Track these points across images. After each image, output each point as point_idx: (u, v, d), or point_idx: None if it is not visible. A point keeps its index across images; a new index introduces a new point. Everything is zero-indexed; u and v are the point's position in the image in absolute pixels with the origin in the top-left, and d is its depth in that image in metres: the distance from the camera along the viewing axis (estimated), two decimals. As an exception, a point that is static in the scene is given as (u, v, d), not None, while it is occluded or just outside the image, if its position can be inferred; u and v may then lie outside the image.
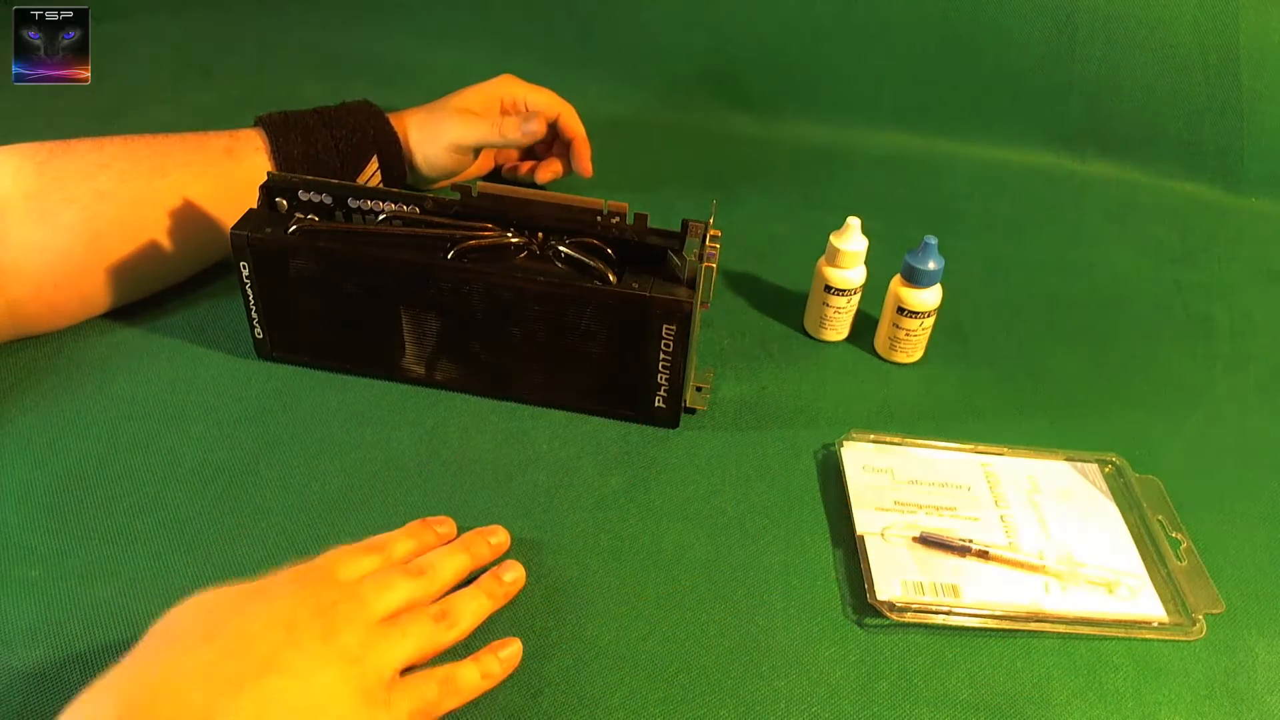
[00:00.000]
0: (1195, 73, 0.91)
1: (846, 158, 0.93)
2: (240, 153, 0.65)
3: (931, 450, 0.59)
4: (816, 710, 0.45)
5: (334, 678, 0.38)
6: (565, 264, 0.56)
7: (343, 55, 1.05)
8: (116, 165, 0.60)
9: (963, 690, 0.46)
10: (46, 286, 0.59)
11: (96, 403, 0.58)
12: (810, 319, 0.69)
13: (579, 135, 0.80)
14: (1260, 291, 0.79)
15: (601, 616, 0.48)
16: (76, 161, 0.59)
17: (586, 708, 0.44)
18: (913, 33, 0.95)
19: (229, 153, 0.65)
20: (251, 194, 0.59)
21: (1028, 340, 0.71)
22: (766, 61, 0.98)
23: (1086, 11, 0.91)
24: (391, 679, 0.40)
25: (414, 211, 0.59)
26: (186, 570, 0.49)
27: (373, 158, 0.71)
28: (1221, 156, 0.92)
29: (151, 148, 0.62)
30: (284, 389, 0.61)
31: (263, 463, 0.55)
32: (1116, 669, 0.48)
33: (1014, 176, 0.92)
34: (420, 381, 0.61)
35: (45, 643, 0.45)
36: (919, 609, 0.49)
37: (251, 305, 0.60)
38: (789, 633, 0.48)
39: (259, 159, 0.66)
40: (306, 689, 0.37)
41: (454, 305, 0.57)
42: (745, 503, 0.55)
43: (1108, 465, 0.59)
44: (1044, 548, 0.53)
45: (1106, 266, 0.80)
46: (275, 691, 0.36)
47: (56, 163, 0.59)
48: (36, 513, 0.51)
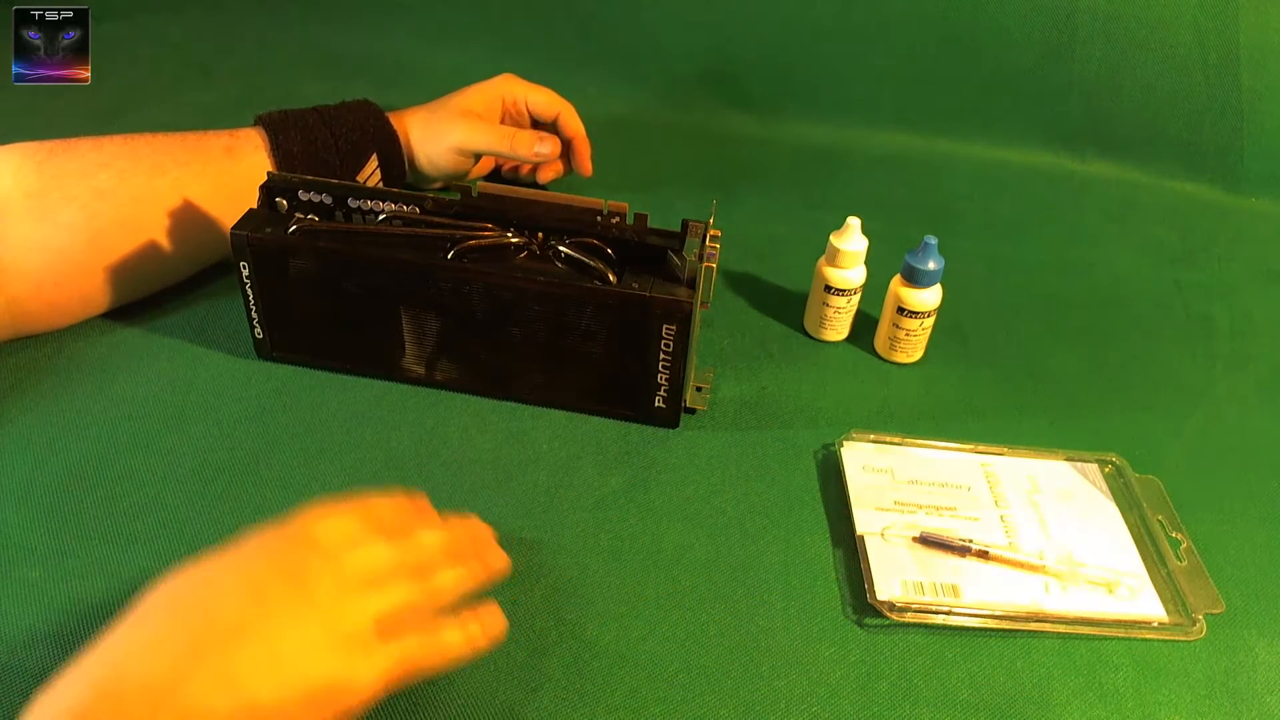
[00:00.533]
0: (1195, 73, 0.91)
1: (846, 158, 0.93)
2: (240, 151, 0.65)
3: (931, 450, 0.59)
4: (816, 710, 0.45)
5: (306, 632, 0.37)
6: (565, 264, 0.56)
7: (343, 55, 1.05)
8: (116, 164, 0.60)
9: (963, 690, 0.46)
10: (47, 285, 0.59)
11: (96, 403, 0.58)
12: (810, 319, 0.69)
13: (579, 134, 0.80)
14: (1260, 291, 0.79)
15: (601, 616, 0.48)
16: (76, 160, 0.59)
17: (586, 706, 0.44)
18: (913, 33, 0.95)
19: (229, 151, 0.65)
20: (251, 192, 0.59)
21: (1028, 340, 0.71)
22: (766, 61, 0.98)
23: (1086, 11, 0.91)
24: (368, 629, 0.38)
25: (414, 211, 0.59)
26: (186, 570, 0.49)
27: (372, 156, 0.71)
28: (1221, 156, 0.92)
29: (151, 146, 0.62)
30: (284, 389, 0.61)
31: (263, 463, 0.55)
32: (1116, 669, 0.48)
33: (1014, 176, 0.92)
34: (420, 381, 0.61)
35: (45, 643, 0.45)
36: (919, 609, 0.49)
37: (251, 305, 0.60)
38: (789, 633, 0.48)
39: (259, 157, 0.66)
40: (277, 650, 0.36)
41: (454, 305, 0.57)
42: (745, 503, 0.55)
43: (1108, 465, 0.59)
44: (1044, 548, 0.53)
45: (1106, 266, 0.80)
46: (245, 657, 0.36)
47: (56, 161, 0.59)
48: (36, 513, 0.51)
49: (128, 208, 0.60)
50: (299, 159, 0.67)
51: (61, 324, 0.62)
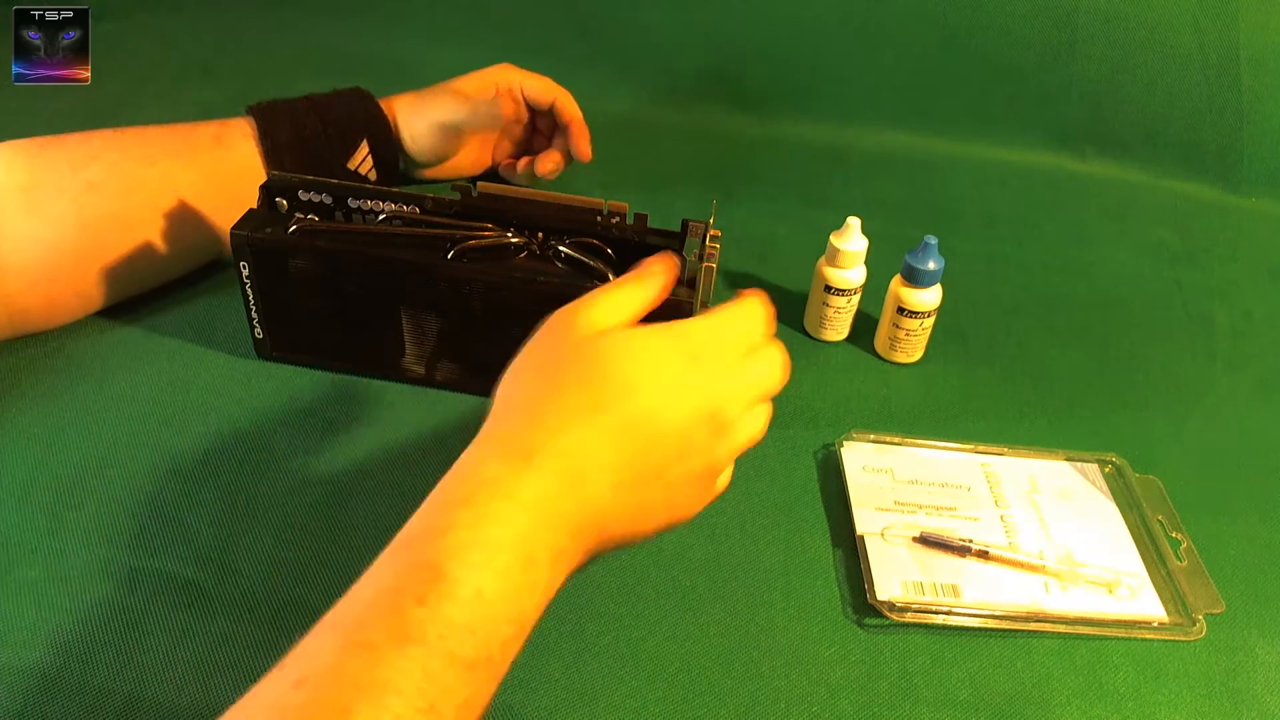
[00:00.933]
0: (1195, 73, 0.91)
1: (846, 158, 0.93)
2: (229, 140, 0.65)
3: (931, 450, 0.59)
4: (816, 710, 0.45)
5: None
6: (565, 264, 0.56)
7: (343, 55, 1.05)
8: (105, 156, 0.60)
9: (963, 690, 0.46)
10: (42, 280, 0.59)
11: (96, 402, 0.58)
12: (810, 319, 0.69)
13: (576, 119, 0.79)
14: (1260, 291, 0.79)
15: (601, 616, 0.48)
16: (66, 154, 0.60)
17: (586, 706, 0.44)
18: (913, 33, 0.95)
19: (218, 140, 0.65)
20: (242, 181, 0.59)
21: (1028, 340, 0.71)
22: (767, 61, 0.98)
23: (1086, 11, 0.91)
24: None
25: (414, 211, 0.59)
26: (186, 570, 0.49)
27: (363, 142, 0.71)
28: (1221, 156, 0.92)
29: (140, 138, 0.63)
30: (284, 389, 0.61)
31: (263, 463, 0.55)
32: (1116, 669, 0.48)
33: (1014, 176, 0.92)
34: (420, 381, 0.61)
35: (45, 643, 0.45)
36: (919, 609, 0.49)
37: (251, 305, 0.60)
38: (789, 633, 0.48)
39: (247, 145, 0.66)
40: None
41: (454, 305, 0.57)
42: (745, 503, 0.55)
43: (1108, 465, 0.59)
44: (1044, 548, 0.53)
45: (1106, 266, 0.80)
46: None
47: (46, 155, 0.59)
48: (36, 513, 0.51)
49: (118, 200, 0.60)
50: (286, 148, 0.67)
51: (59, 321, 0.62)
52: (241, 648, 0.45)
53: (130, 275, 0.63)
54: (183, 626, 0.46)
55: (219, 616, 0.47)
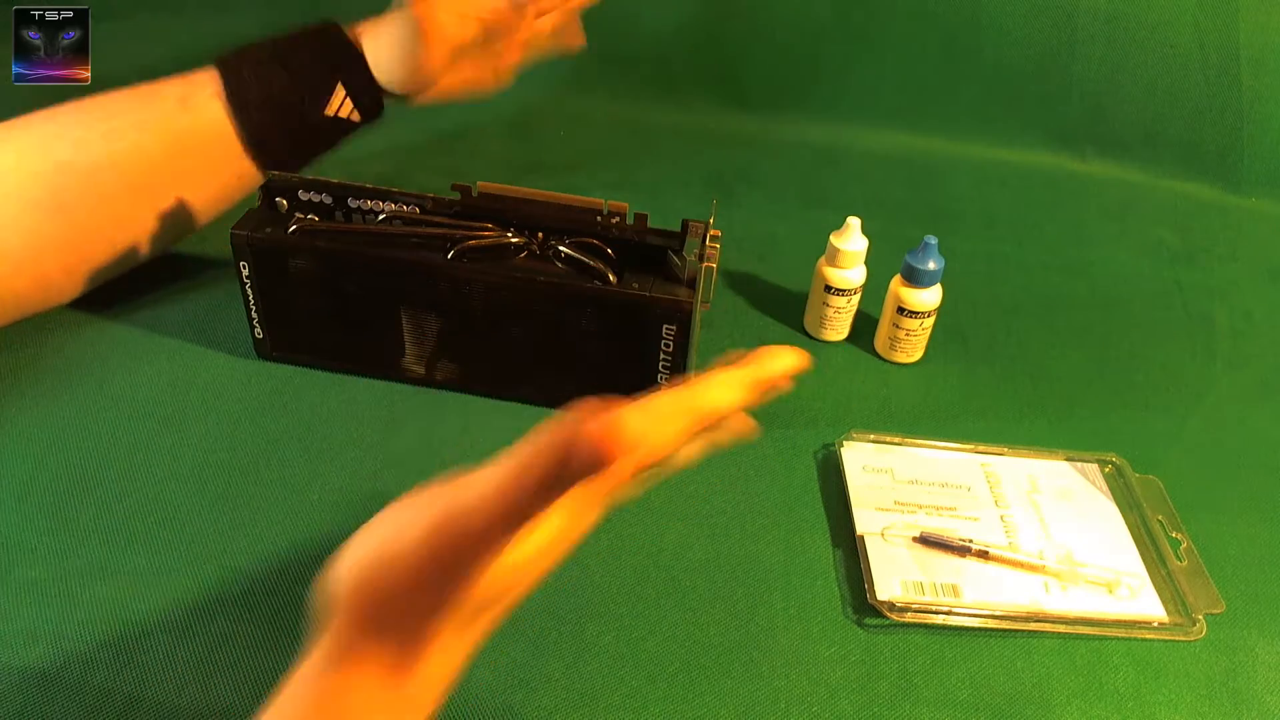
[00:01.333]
0: (1195, 73, 0.91)
1: (846, 158, 0.93)
2: (196, 104, 0.63)
3: (931, 450, 0.59)
4: (816, 710, 0.45)
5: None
6: (565, 264, 0.56)
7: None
8: (71, 134, 0.60)
9: (963, 690, 0.46)
10: (27, 263, 0.59)
11: (96, 402, 0.58)
12: (810, 319, 0.69)
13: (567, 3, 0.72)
14: (1260, 291, 0.79)
15: (601, 616, 0.48)
16: (33, 135, 0.60)
17: (586, 706, 0.44)
18: (913, 33, 0.95)
19: (184, 105, 0.63)
20: (212, 144, 0.58)
21: (1028, 340, 0.71)
22: (766, 61, 0.98)
23: (1086, 11, 0.91)
24: None
25: (414, 211, 0.59)
26: (186, 570, 0.49)
27: (337, 86, 0.67)
28: (1221, 156, 0.92)
29: (105, 110, 0.62)
30: (284, 389, 0.61)
31: (263, 463, 0.55)
32: (1116, 669, 0.48)
33: (1014, 176, 0.92)
34: (420, 381, 0.61)
35: (45, 643, 0.45)
36: (919, 609, 0.49)
37: (251, 305, 0.60)
38: (789, 633, 0.48)
39: (214, 107, 0.64)
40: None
41: (454, 305, 0.57)
42: (745, 503, 0.55)
43: (1108, 465, 0.59)
44: (1044, 548, 0.53)
45: (1106, 266, 0.80)
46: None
47: (14, 140, 0.59)
48: (36, 513, 0.51)
49: (89, 178, 0.60)
50: (256, 106, 0.64)
51: (55, 300, 0.62)
52: (241, 648, 0.45)
53: (112, 251, 0.63)
54: (183, 626, 0.46)
55: (219, 616, 0.47)
